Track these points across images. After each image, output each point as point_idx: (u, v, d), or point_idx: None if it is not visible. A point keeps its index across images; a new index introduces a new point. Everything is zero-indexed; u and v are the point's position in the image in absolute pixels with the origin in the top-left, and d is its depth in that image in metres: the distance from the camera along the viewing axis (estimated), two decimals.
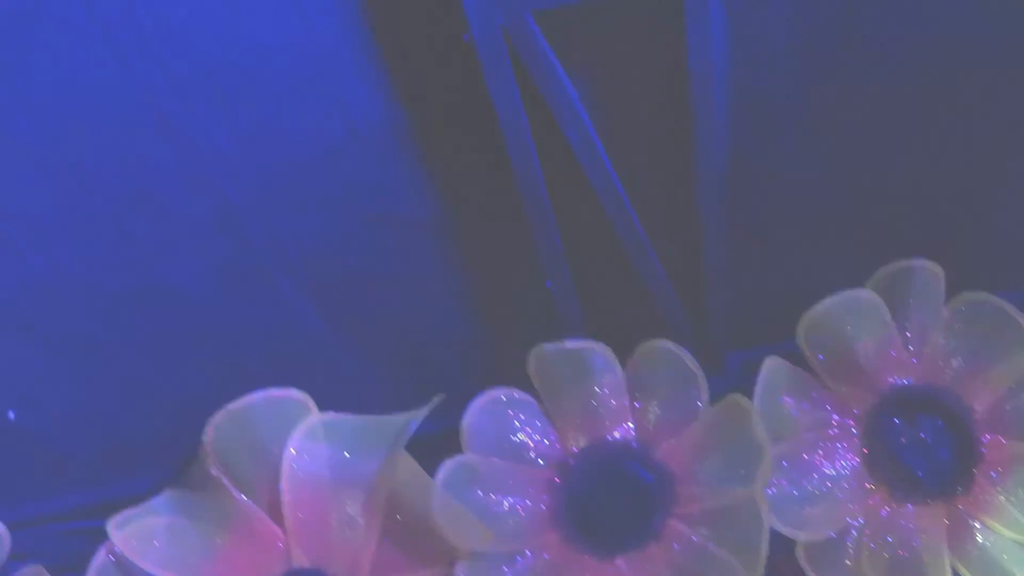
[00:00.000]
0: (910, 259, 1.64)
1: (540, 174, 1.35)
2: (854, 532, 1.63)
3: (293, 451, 1.53)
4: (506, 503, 1.60)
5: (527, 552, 1.60)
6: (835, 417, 1.66)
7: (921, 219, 1.66)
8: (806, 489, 1.62)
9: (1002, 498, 1.64)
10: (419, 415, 1.51)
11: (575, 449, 1.63)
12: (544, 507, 1.61)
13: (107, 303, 1.42)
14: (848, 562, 1.61)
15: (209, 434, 1.53)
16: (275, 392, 1.55)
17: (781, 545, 1.63)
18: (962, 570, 1.61)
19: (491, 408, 1.62)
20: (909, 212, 1.65)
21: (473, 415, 1.61)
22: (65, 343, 1.46)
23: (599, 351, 1.60)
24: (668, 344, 1.60)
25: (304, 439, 1.54)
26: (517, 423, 1.63)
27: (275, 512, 1.55)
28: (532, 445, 1.63)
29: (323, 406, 1.56)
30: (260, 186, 1.34)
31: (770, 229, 1.64)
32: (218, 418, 1.53)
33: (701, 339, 1.66)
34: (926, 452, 1.65)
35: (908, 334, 1.66)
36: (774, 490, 1.60)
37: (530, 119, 1.30)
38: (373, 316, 1.55)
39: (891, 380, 1.66)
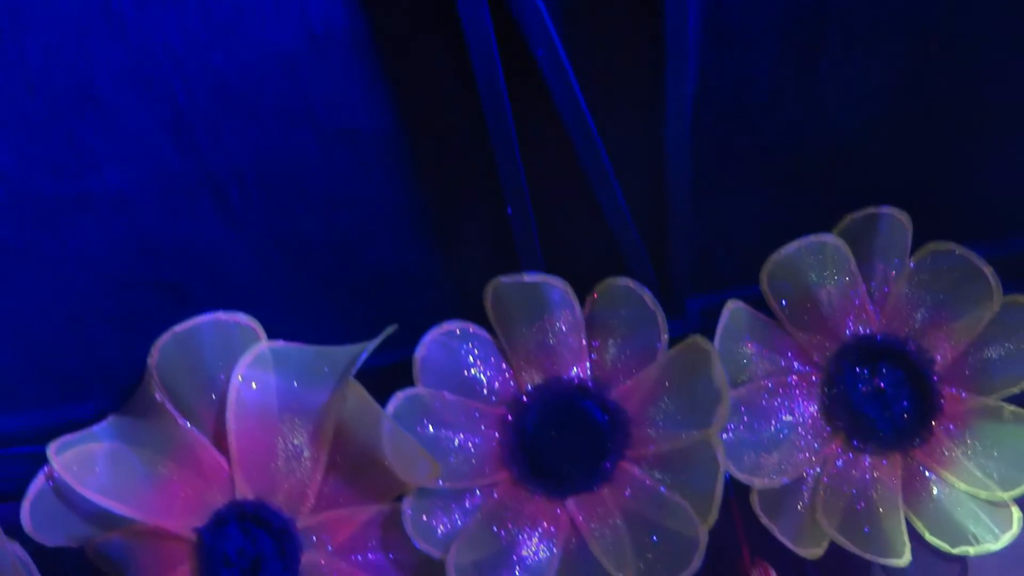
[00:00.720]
0: (877, 206, 1.62)
1: (505, 94, 1.30)
2: (810, 480, 1.61)
3: (240, 379, 1.49)
4: (456, 439, 1.57)
5: (476, 491, 1.56)
6: (795, 364, 1.64)
7: (893, 166, 1.63)
8: (763, 436, 1.60)
9: (958, 451, 1.63)
10: (370, 346, 1.47)
11: (529, 387, 1.59)
12: (495, 445, 1.58)
13: (48, 209, 1.36)
14: (802, 510, 1.59)
15: (154, 356, 1.48)
16: (223, 315, 1.50)
17: (734, 491, 1.61)
18: (915, 521, 1.59)
19: (444, 341, 1.58)
20: (881, 159, 1.62)
21: (425, 348, 1.57)
22: (1, 252, 1.40)
23: (557, 286, 1.56)
24: (628, 282, 1.57)
25: (252, 367, 1.50)
26: (471, 358, 1.59)
27: (220, 441, 1.51)
28: (485, 381, 1.59)
29: (271, 333, 1.51)
30: (212, 92, 1.28)
31: (738, 170, 1.60)
32: (163, 340, 1.49)
33: (662, 281, 1.63)
34: (885, 402, 1.63)
35: (872, 283, 1.64)
36: (730, 435, 1.58)
37: (498, 34, 1.25)
38: (325, 239, 1.50)
39: (853, 329, 1.63)
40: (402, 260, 1.56)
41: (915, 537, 1.59)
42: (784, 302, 1.62)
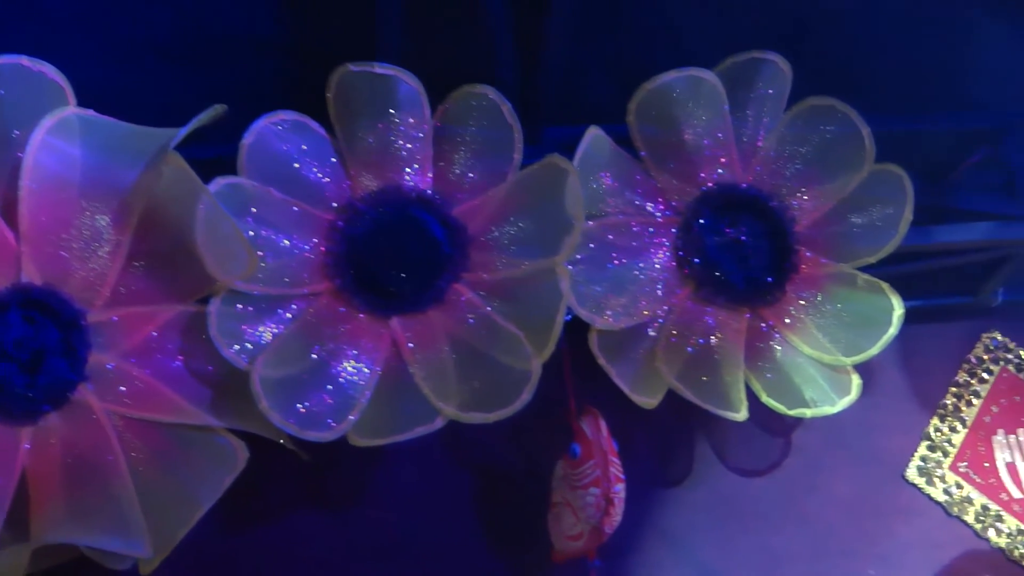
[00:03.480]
0: (763, 51, 1.58)
1: None
2: (654, 326, 1.56)
3: (39, 143, 1.35)
4: (279, 241, 1.46)
5: (294, 300, 1.47)
6: (652, 206, 1.58)
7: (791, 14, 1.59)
8: (611, 274, 1.53)
9: (807, 315, 1.61)
10: (192, 123, 1.33)
11: (364, 192, 1.50)
12: (321, 252, 1.48)
13: None
14: (642, 356, 1.54)
15: None
16: (27, 62, 1.35)
17: (565, 338, 1.56)
18: (753, 382, 1.56)
19: (277, 131, 1.46)
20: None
21: (254, 136, 1.45)
22: None
23: (410, 83, 1.46)
24: (488, 91, 1.48)
25: (54, 132, 1.35)
26: (305, 154, 1.49)
27: (9, 213, 1.37)
28: (317, 181, 1.49)
29: (86, 91, 1.37)
30: None
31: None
32: None
33: (525, 102, 1.55)
34: (741, 256, 1.59)
35: (744, 130, 1.60)
36: (576, 270, 1.51)
37: None
38: None
39: (717, 176, 1.59)
40: (252, 22, 1.42)
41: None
42: (648, 138, 1.56)
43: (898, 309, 1.59)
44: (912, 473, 1.82)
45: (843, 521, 1.76)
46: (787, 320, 1.60)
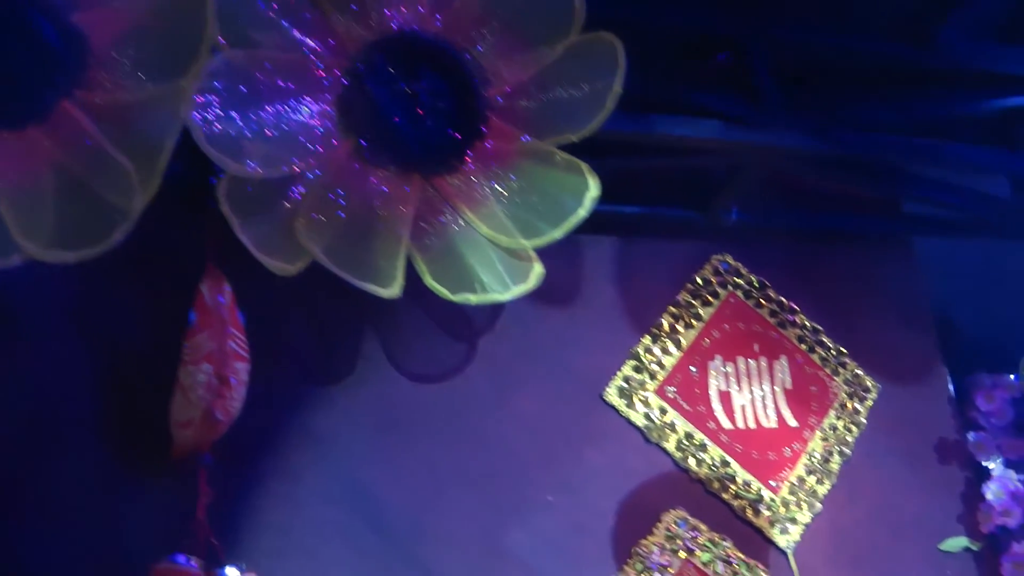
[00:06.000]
0: None
1: None
2: (300, 183, 1.37)
3: None
4: None
5: None
6: (316, 43, 1.38)
7: None
8: (256, 116, 1.33)
9: (490, 192, 1.44)
10: None
11: None
12: None
13: None
14: (283, 215, 1.35)
15: None
16: None
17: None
18: (418, 261, 1.39)
19: None
20: None
21: None
22: None
23: None
24: None
25: None
26: None
27: None
28: None
29: None
30: None
31: None
32: None
33: None
34: (417, 114, 1.41)
35: None
36: (215, 105, 1.30)
37: None
38: None
39: (400, 21, 1.40)
40: None
41: None
42: None
43: (593, 191, 1.43)
44: (612, 394, 1.67)
45: (526, 441, 1.60)
46: (466, 195, 1.43)
